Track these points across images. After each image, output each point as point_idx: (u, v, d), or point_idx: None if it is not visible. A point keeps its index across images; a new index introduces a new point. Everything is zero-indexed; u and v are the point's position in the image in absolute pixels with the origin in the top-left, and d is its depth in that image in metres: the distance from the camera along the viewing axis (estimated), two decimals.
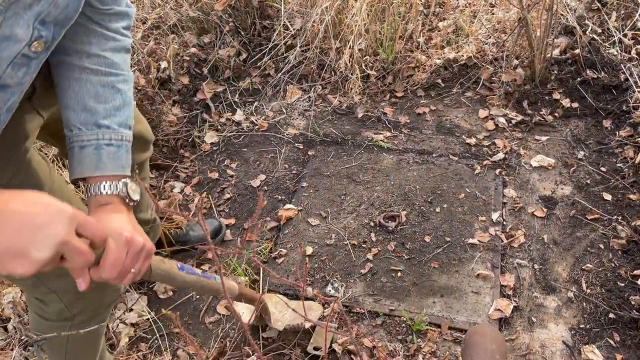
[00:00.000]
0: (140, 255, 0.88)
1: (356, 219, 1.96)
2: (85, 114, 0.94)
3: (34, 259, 0.67)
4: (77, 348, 1.26)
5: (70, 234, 0.71)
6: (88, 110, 0.95)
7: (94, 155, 0.94)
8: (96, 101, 0.95)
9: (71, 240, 0.71)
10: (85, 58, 0.95)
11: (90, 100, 0.95)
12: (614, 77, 2.32)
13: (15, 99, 0.84)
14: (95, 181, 0.93)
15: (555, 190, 1.99)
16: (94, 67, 0.95)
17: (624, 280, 1.68)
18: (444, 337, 1.58)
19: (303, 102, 2.55)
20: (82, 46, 0.94)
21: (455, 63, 2.55)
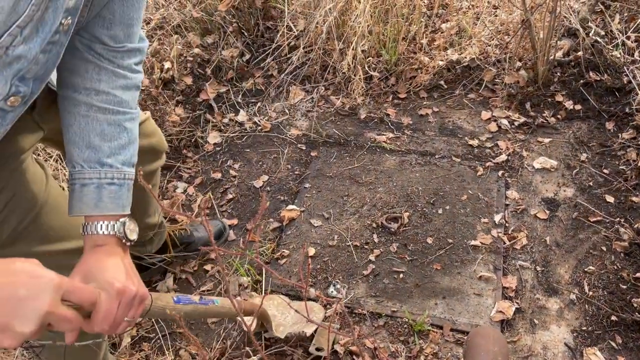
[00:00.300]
0: (132, 303, 0.86)
1: (358, 220, 1.96)
2: (90, 152, 0.93)
3: (18, 333, 0.66)
4: (76, 355, 1.22)
5: (55, 304, 0.69)
6: (92, 148, 0.93)
7: (95, 194, 0.92)
8: (101, 139, 0.94)
9: (56, 310, 0.69)
10: (94, 95, 0.93)
11: (96, 138, 0.93)
12: (617, 79, 2.32)
13: None
14: (93, 220, 0.91)
15: (558, 192, 1.99)
16: (102, 105, 0.94)
17: (626, 283, 1.68)
18: (445, 339, 1.58)
19: (306, 103, 2.55)
20: (91, 83, 0.93)
21: (458, 65, 2.55)
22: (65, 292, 0.72)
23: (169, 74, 2.53)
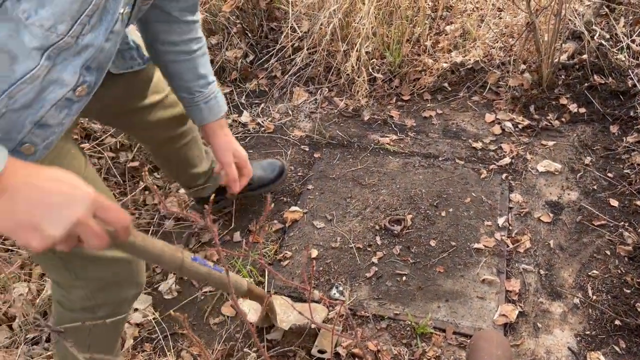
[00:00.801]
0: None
1: (361, 222, 1.95)
2: (201, 80, 1.31)
3: (46, 235, 0.69)
4: (99, 342, 1.26)
5: (87, 216, 0.72)
6: (202, 77, 1.31)
7: (215, 103, 1.34)
8: (203, 69, 1.30)
9: (87, 222, 0.72)
10: (189, 43, 1.26)
11: (201, 69, 1.29)
12: (622, 82, 2.31)
13: (54, 138, 0.89)
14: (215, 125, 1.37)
15: (562, 196, 1.99)
16: (194, 48, 1.28)
17: (630, 287, 1.67)
18: (448, 342, 1.58)
19: (309, 104, 2.55)
20: (181, 37, 1.25)
21: (462, 67, 2.55)
22: (100, 208, 0.74)
23: None
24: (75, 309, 1.16)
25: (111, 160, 2.17)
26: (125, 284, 1.16)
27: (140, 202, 2.06)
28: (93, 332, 1.19)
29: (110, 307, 1.17)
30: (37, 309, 1.68)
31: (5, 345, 1.61)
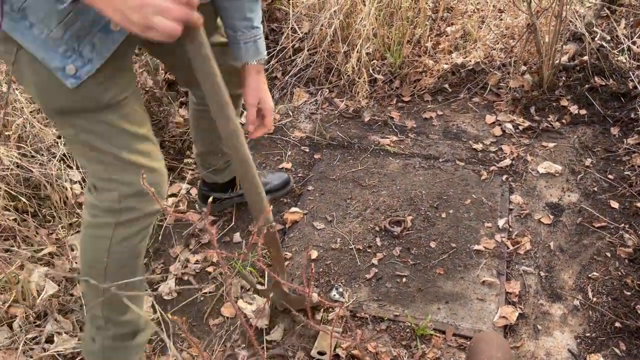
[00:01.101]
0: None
1: (361, 224, 1.95)
2: (246, 22, 1.36)
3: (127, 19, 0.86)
4: (117, 261, 1.28)
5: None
6: (247, 20, 1.36)
7: (254, 46, 1.40)
8: (250, 12, 1.35)
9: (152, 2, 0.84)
10: None
11: (247, 12, 1.35)
12: (623, 84, 2.31)
13: None
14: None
15: (562, 197, 1.99)
16: None
17: (631, 289, 1.67)
18: (448, 344, 1.57)
19: (310, 105, 2.55)
20: None
21: (463, 68, 2.55)
22: None
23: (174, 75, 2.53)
24: (102, 211, 1.22)
25: None
26: (149, 196, 1.21)
27: None
28: (112, 251, 1.24)
29: (134, 214, 1.22)
30: (37, 310, 1.68)
31: (5, 345, 1.61)
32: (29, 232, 1.85)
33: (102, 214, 1.23)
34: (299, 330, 1.64)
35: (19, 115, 2.01)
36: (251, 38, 1.39)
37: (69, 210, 1.96)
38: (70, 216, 1.94)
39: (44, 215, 1.94)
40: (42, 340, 1.62)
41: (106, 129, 1.15)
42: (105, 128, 1.15)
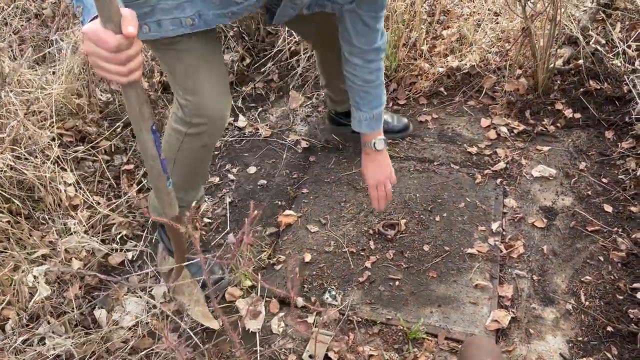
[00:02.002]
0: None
1: (355, 227, 1.95)
2: (370, 112, 1.72)
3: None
4: (181, 168, 1.60)
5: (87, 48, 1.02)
6: (376, 107, 1.72)
7: (366, 124, 1.74)
8: (373, 103, 1.72)
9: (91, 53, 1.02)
10: (362, 81, 1.69)
11: (374, 102, 1.72)
12: (617, 88, 2.31)
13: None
14: (372, 137, 1.75)
15: (556, 201, 1.99)
16: (367, 81, 1.69)
17: (623, 293, 1.67)
18: (440, 347, 1.57)
19: (306, 108, 2.55)
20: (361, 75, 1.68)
21: (459, 71, 2.55)
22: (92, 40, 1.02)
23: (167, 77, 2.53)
24: (178, 119, 1.51)
25: (105, 163, 2.17)
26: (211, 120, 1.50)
27: (134, 205, 2.06)
28: (180, 153, 1.56)
29: (200, 128, 1.50)
30: (30, 312, 1.68)
31: None
32: (22, 234, 1.85)
33: (178, 121, 1.52)
34: (291, 333, 1.64)
35: (13, 118, 2.02)
36: (363, 117, 1.73)
37: (63, 213, 1.96)
38: (64, 218, 1.94)
39: (38, 217, 1.94)
40: (34, 342, 1.63)
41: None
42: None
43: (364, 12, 1.57)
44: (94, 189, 2.10)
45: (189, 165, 1.62)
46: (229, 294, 1.75)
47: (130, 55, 1.02)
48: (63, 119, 2.27)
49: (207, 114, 1.48)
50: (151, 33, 1.38)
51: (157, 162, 1.21)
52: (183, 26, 1.39)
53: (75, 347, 1.58)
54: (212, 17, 1.40)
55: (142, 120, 1.13)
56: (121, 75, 1.04)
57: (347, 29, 1.61)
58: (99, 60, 1.02)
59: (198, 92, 1.46)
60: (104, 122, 2.32)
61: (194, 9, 1.37)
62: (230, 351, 1.60)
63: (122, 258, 1.91)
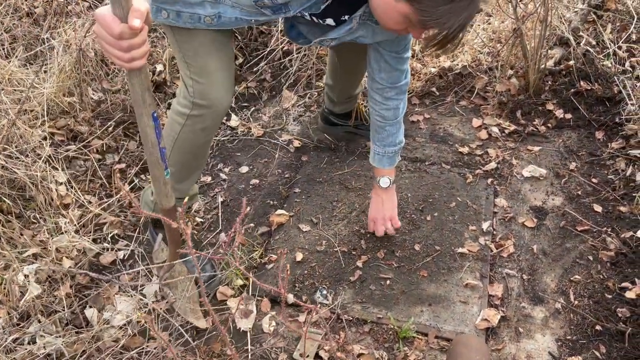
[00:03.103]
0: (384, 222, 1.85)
1: (347, 226, 1.96)
2: (383, 149, 1.79)
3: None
4: (180, 153, 1.62)
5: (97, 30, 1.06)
6: (389, 145, 1.78)
7: (378, 159, 1.81)
8: (390, 136, 1.77)
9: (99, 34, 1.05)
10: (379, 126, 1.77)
11: (387, 139, 1.77)
12: (608, 89, 2.33)
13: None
14: (379, 173, 1.82)
15: (546, 201, 2.00)
16: (386, 127, 1.76)
17: (612, 293, 1.68)
18: (430, 346, 1.58)
19: (298, 107, 2.56)
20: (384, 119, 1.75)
21: (450, 72, 2.56)
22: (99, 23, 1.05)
23: (161, 76, 2.53)
24: (178, 106, 1.55)
25: (97, 162, 2.17)
26: (214, 105, 1.52)
27: (126, 204, 2.06)
28: (180, 139, 1.58)
29: (201, 110, 1.51)
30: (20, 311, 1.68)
31: None
32: (13, 233, 1.84)
33: (181, 103, 1.54)
34: (282, 332, 1.64)
35: (4, 116, 2.01)
36: (383, 154, 1.79)
37: (54, 212, 1.96)
38: (55, 217, 1.94)
39: (29, 216, 1.94)
40: (25, 341, 1.62)
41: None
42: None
43: (386, 52, 1.58)
44: (85, 188, 2.10)
45: (188, 151, 1.63)
46: (220, 293, 1.75)
47: (133, 44, 1.04)
48: (54, 117, 2.26)
49: (211, 97, 1.50)
50: (169, 19, 1.41)
51: (156, 149, 1.23)
52: (200, 23, 1.42)
53: (66, 346, 1.57)
54: (232, 20, 1.43)
55: (144, 106, 1.15)
56: (124, 62, 1.07)
57: (371, 63, 1.65)
58: (104, 43, 1.06)
59: (205, 74, 1.48)
60: (95, 121, 2.31)
61: (216, 9, 1.39)
62: (221, 349, 1.61)
63: (113, 257, 1.90)
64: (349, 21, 1.44)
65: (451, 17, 1.13)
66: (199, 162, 1.72)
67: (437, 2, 1.12)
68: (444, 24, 1.15)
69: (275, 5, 1.37)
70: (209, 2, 1.39)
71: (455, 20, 1.13)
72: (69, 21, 2.69)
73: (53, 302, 1.72)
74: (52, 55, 2.44)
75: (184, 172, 1.70)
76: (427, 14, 1.14)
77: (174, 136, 1.60)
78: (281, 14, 1.41)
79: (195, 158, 1.69)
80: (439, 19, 1.13)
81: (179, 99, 1.57)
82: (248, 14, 1.41)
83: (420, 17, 1.15)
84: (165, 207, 1.37)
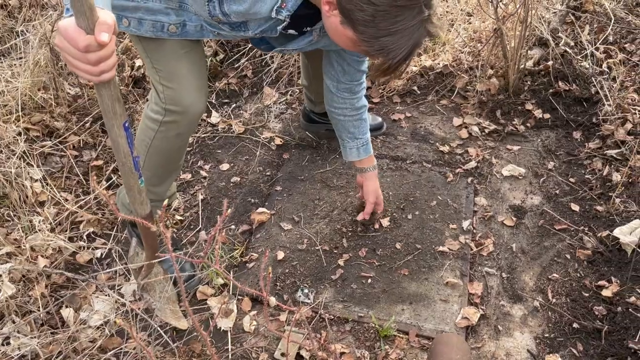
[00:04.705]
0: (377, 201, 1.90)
1: (329, 224, 1.96)
2: (355, 141, 1.82)
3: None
4: (155, 158, 1.59)
5: (59, 43, 1.00)
6: (366, 132, 1.82)
7: (356, 151, 1.83)
8: (353, 128, 1.81)
9: (61, 47, 0.99)
10: (348, 116, 1.79)
11: (365, 127, 1.82)
12: (585, 89, 2.36)
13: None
14: (369, 162, 1.86)
15: (525, 200, 2.02)
16: (352, 115, 1.77)
17: (589, 291, 1.71)
18: (411, 345, 1.59)
19: (280, 105, 2.54)
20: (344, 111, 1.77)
21: (432, 71, 2.57)
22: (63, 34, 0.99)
23: (140, 72, 2.49)
24: (150, 113, 1.52)
25: (74, 158, 2.12)
26: (186, 111, 1.49)
27: (103, 202, 2.02)
28: (152, 148, 1.56)
29: (174, 117, 1.49)
30: None
31: None
32: None
33: (154, 109, 1.51)
34: (263, 332, 1.63)
35: None
36: (353, 147, 1.82)
37: (29, 209, 1.91)
38: (30, 215, 1.89)
39: (2, 214, 1.89)
40: None
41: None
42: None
43: (348, 55, 1.60)
44: (61, 185, 2.05)
45: (162, 155, 1.60)
46: (200, 293, 1.74)
47: (102, 57, 0.99)
48: (29, 113, 2.21)
49: (183, 103, 1.47)
50: (130, 28, 1.37)
51: (129, 159, 1.19)
52: (163, 32, 1.38)
53: (41, 347, 1.54)
54: (198, 30, 1.40)
55: (115, 117, 1.11)
56: (92, 75, 1.01)
57: (334, 66, 1.66)
58: (69, 57, 0.99)
59: (176, 79, 1.45)
60: (72, 116, 2.26)
61: (181, 17, 1.36)
62: (201, 349, 1.59)
63: (90, 256, 1.87)
64: (310, 33, 1.44)
65: (394, 48, 1.11)
66: (175, 165, 1.70)
67: (379, 33, 1.10)
68: (386, 55, 1.13)
69: (234, 23, 1.35)
70: (172, 9, 1.35)
71: (398, 52, 1.12)
72: (45, 14, 2.62)
73: (28, 302, 1.68)
74: (27, 49, 2.38)
75: (160, 176, 1.68)
76: (369, 45, 1.12)
77: (147, 142, 1.57)
78: (240, 32, 1.39)
79: (171, 162, 1.67)
80: (382, 50, 1.12)
81: (151, 105, 1.54)
82: (211, 25, 1.39)
83: (363, 47, 1.14)
84: (140, 215, 1.33)
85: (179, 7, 1.36)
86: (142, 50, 1.47)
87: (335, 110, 1.77)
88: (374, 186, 1.88)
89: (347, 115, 1.77)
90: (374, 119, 2.32)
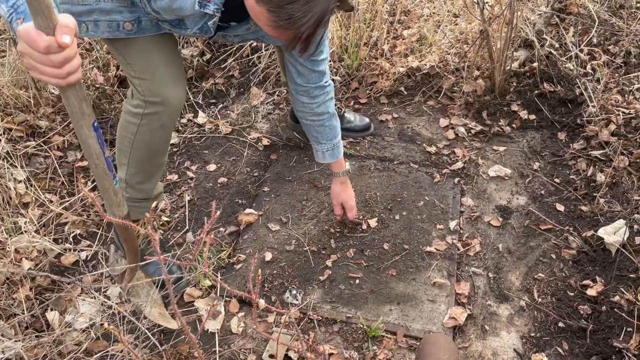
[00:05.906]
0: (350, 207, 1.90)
1: (316, 225, 1.95)
2: (320, 145, 1.82)
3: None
4: (140, 153, 1.60)
5: (23, 49, 0.97)
6: (334, 137, 1.80)
7: (323, 154, 1.83)
8: (322, 135, 1.80)
9: (24, 53, 0.98)
10: (313, 119, 1.76)
11: (332, 132, 1.80)
12: (570, 91, 2.39)
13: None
14: (339, 166, 1.84)
15: (511, 200, 2.04)
16: (318, 119, 1.76)
17: (574, 290, 1.73)
18: (399, 345, 1.59)
19: (267, 105, 2.53)
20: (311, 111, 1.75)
21: (419, 72, 2.58)
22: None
23: None
24: (130, 111, 1.53)
25: (58, 159, 2.10)
26: (167, 103, 1.49)
27: (89, 203, 2.00)
28: (135, 145, 1.57)
29: (156, 108, 1.49)
30: None
31: None
32: None
33: (134, 104, 1.51)
34: (250, 333, 1.63)
35: None
36: (328, 149, 1.81)
37: (13, 211, 1.89)
38: (14, 217, 1.87)
39: None
40: None
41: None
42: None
43: (297, 54, 1.54)
44: (46, 186, 2.03)
45: (146, 149, 1.60)
46: (187, 295, 1.72)
47: (66, 57, 0.98)
48: (11, 112, 2.18)
49: (162, 93, 1.48)
50: (89, 32, 1.36)
51: (101, 159, 1.17)
52: (119, 31, 1.38)
53: (26, 350, 1.52)
54: (154, 25, 1.41)
55: (83, 117, 1.09)
56: (59, 78, 1.00)
57: (288, 68, 1.65)
58: (33, 61, 0.97)
59: (150, 71, 1.45)
60: (56, 116, 2.24)
61: (134, 14, 1.36)
62: (189, 352, 1.58)
63: (76, 258, 1.85)
64: (246, 21, 1.45)
65: (300, 16, 1.10)
66: (160, 159, 1.69)
67: (283, 0, 1.09)
68: (295, 23, 1.12)
69: (172, 21, 1.37)
70: (125, 7, 1.35)
71: (304, 20, 1.11)
72: None
73: (12, 304, 1.65)
74: (9, 46, 2.35)
75: (146, 172, 1.67)
76: (277, 14, 1.11)
77: (130, 138, 1.56)
78: (180, 30, 1.41)
79: (156, 156, 1.66)
80: (290, 19, 1.11)
81: (130, 101, 1.54)
82: (159, 21, 1.39)
83: (272, 18, 1.13)
84: (118, 216, 1.31)
85: (132, 4, 1.35)
86: (114, 49, 1.48)
87: (297, 112, 1.78)
88: (337, 191, 1.88)
89: (309, 119, 1.76)
90: (361, 119, 2.33)
